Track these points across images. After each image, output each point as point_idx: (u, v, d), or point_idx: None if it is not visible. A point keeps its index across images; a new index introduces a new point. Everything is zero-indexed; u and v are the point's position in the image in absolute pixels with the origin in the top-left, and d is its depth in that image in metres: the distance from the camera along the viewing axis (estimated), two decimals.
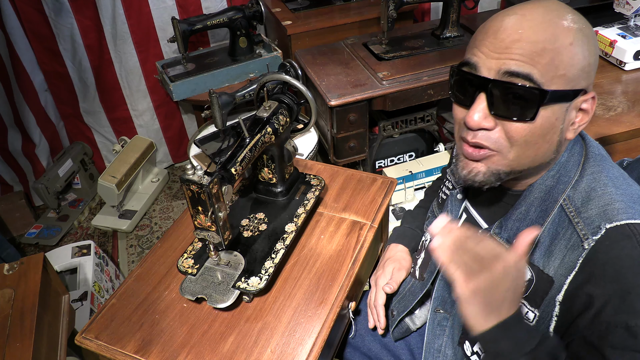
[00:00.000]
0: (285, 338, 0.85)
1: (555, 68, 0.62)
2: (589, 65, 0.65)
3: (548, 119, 0.64)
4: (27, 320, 1.06)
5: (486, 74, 0.65)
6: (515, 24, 0.64)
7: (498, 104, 0.65)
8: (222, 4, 2.24)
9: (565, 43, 0.62)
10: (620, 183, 0.68)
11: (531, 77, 0.62)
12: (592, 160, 0.71)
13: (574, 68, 0.63)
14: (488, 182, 0.71)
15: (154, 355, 0.84)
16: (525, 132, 0.65)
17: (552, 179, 0.71)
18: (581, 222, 0.66)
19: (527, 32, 0.62)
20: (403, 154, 2.08)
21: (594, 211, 0.65)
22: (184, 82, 1.94)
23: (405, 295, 0.99)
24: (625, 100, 1.33)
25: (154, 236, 2.20)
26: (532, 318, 0.69)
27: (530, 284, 0.69)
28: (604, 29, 1.54)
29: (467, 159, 0.71)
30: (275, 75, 1.04)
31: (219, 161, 0.85)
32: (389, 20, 1.78)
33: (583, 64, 0.64)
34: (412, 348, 1.03)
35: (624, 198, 0.65)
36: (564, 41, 0.62)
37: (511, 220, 0.74)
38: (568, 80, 0.63)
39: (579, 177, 0.70)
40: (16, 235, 2.26)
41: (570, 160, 0.71)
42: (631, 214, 0.63)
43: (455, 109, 0.72)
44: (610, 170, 0.70)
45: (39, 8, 1.96)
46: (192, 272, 0.92)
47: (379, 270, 1.03)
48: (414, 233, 1.07)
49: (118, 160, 2.16)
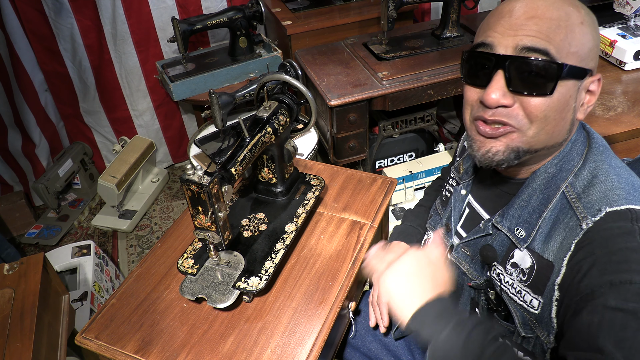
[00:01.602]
0: (285, 338, 0.85)
1: (568, 44, 0.65)
2: (596, 47, 0.68)
3: (563, 94, 0.66)
4: (27, 320, 1.06)
5: (503, 52, 0.66)
6: (529, 3, 0.66)
7: (516, 81, 0.66)
8: (222, 4, 2.24)
9: (577, 22, 0.65)
10: (622, 172, 0.69)
11: (548, 51, 0.64)
12: (595, 150, 0.72)
13: (584, 47, 0.66)
14: (507, 161, 0.70)
15: (154, 355, 0.84)
16: (544, 107, 0.66)
17: (555, 166, 0.72)
18: (581, 206, 0.67)
19: (542, 9, 0.65)
20: (403, 154, 2.08)
21: (595, 196, 0.67)
22: (184, 82, 1.94)
23: None
24: (625, 100, 1.33)
25: (154, 236, 2.20)
26: (537, 305, 0.69)
27: (532, 271, 0.70)
28: (604, 29, 1.54)
29: (484, 137, 0.71)
30: (275, 75, 1.04)
31: (219, 161, 0.85)
32: (389, 20, 1.78)
33: (592, 45, 0.67)
34: (412, 348, 1.03)
35: (626, 186, 0.66)
36: (575, 20, 0.65)
37: (513, 208, 0.75)
38: (580, 58, 0.66)
39: (582, 165, 0.71)
40: (16, 235, 2.26)
41: (574, 150, 0.73)
42: (632, 200, 0.64)
43: (469, 90, 0.72)
44: (613, 160, 0.71)
45: (39, 8, 1.96)
46: (192, 272, 0.92)
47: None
48: (415, 231, 1.07)
49: (118, 160, 2.16)
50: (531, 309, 0.70)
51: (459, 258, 0.86)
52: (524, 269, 0.71)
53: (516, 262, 0.73)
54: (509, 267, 0.74)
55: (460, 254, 0.86)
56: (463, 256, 0.85)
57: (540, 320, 0.70)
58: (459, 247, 0.86)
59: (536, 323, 0.71)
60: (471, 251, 0.83)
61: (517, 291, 0.73)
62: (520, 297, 0.72)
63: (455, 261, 0.87)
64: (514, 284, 0.73)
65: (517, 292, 0.73)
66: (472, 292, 0.84)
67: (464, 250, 0.85)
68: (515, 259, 0.73)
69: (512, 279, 0.73)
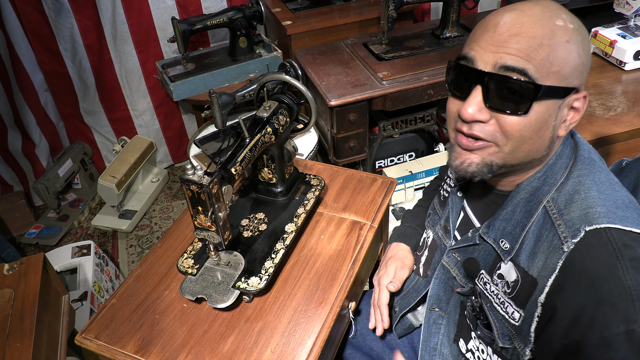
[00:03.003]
0: (285, 338, 0.85)
1: (549, 64, 0.63)
2: (582, 65, 0.66)
3: (542, 114, 0.65)
4: (27, 320, 1.06)
5: (482, 68, 0.66)
6: (514, 19, 0.65)
7: (493, 97, 0.66)
8: (222, 4, 2.24)
9: (561, 40, 0.63)
10: (604, 188, 0.68)
11: (526, 72, 0.63)
12: (580, 163, 0.71)
13: (568, 66, 0.64)
14: (480, 174, 0.72)
15: (154, 355, 0.84)
16: (520, 126, 0.66)
17: (539, 180, 0.72)
18: (562, 224, 0.66)
19: (526, 27, 0.64)
20: (403, 154, 2.08)
21: (575, 213, 0.66)
22: (184, 82, 1.94)
23: (408, 292, 0.99)
24: (625, 100, 1.33)
25: (154, 236, 2.20)
26: (518, 318, 0.70)
27: (517, 285, 0.70)
28: (604, 29, 1.54)
29: (461, 148, 0.71)
30: (275, 75, 1.04)
31: (219, 161, 0.85)
32: (389, 20, 1.78)
33: (577, 63, 0.65)
34: (414, 345, 1.04)
35: (607, 203, 0.66)
36: (560, 38, 0.63)
37: (498, 220, 0.75)
38: (562, 77, 0.64)
39: (565, 179, 0.70)
40: (16, 235, 2.26)
41: (558, 163, 0.72)
42: (612, 218, 0.63)
43: (451, 101, 0.73)
44: (597, 175, 0.70)
45: (39, 8, 1.96)
46: (192, 272, 0.92)
47: (381, 270, 1.03)
48: (414, 231, 1.07)
49: (118, 160, 2.16)
50: (512, 321, 0.71)
51: (449, 262, 0.87)
52: (509, 281, 0.72)
53: (502, 274, 0.73)
54: (496, 277, 0.75)
55: (451, 258, 0.86)
56: (454, 261, 0.86)
57: (519, 332, 0.70)
58: (450, 252, 0.87)
59: (515, 334, 0.71)
60: (461, 257, 0.84)
61: (501, 302, 0.73)
62: (503, 307, 0.73)
63: (446, 265, 0.88)
64: (498, 294, 0.74)
65: (501, 302, 0.73)
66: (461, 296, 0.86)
67: (455, 255, 0.86)
68: (502, 270, 0.73)
69: (498, 290, 0.74)
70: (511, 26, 0.64)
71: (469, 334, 0.84)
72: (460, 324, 0.87)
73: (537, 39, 0.63)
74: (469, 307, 0.83)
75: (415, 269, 1.00)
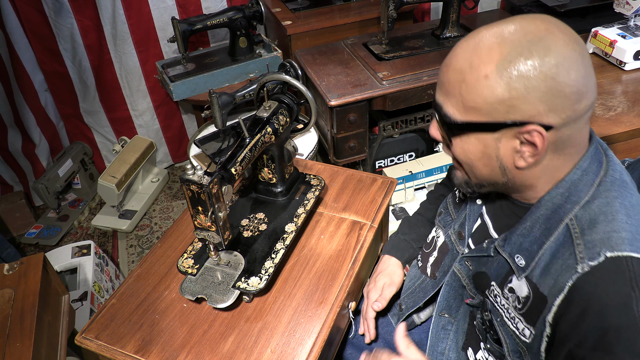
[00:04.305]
0: (285, 338, 0.85)
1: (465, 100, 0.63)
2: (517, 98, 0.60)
3: (474, 145, 0.67)
4: (27, 320, 1.06)
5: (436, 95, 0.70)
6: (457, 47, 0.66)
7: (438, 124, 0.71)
8: (222, 4, 2.24)
9: (480, 74, 0.61)
10: (634, 213, 0.64)
11: (443, 108, 0.67)
12: (610, 184, 0.66)
13: (487, 101, 0.61)
14: (464, 189, 0.77)
15: (154, 355, 0.84)
16: (458, 154, 0.70)
17: (561, 196, 0.67)
18: (582, 244, 0.63)
19: (455, 59, 0.65)
20: (403, 154, 2.08)
21: (598, 235, 0.62)
22: (184, 82, 1.94)
23: (415, 291, 0.98)
24: (625, 100, 1.33)
25: (154, 236, 2.20)
26: (529, 335, 0.68)
27: (527, 301, 0.68)
28: (604, 29, 1.54)
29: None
30: (275, 75, 1.04)
31: (219, 161, 0.85)
32: (389, 20, 1.78)
33: (503, 97, 0.60)
34: (415, 343, 1.03)
35: (633, 229, 0.61)
36: (479, 72, 0.61)
37: (515, 234, 0.72)
38: (484, 113, 0.63)
39: (591, 198, 0.65)
40: (16, 235, 2.26)
41: (584, 180, 0.66)
42: (636, 247, 0.60)
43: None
44: (628, 198, 0.65)
45: (39, 8, 1.96)
46: (192, 272, 0.92)
47: (370, 283, 1.04)
48: (407, 245, 1.06)
49: (118, 160, 2.16)
50: (523, 337, 0.70)
51: (461, 270, 0.85)
52: (520, 297, 0.70)
53: (513, 288, 0.71)
54: (506, 291, 0.72)
55: (463, 266, 0.84)
56: (465, 270, 0.84)
57: (530, 349, 0.68)
58: (463, 260, 0.84)
59: (526, 351, 0.69)
60: (473, 266, 0.82)
61: (512, 317, 0.71)
62: (513, 323, 0.71)
63: (457, 273, 0.86)
64: (509, 309, 0.72)
65: (511, 317, 0.71)
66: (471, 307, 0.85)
67: (467, 263, 0.84)
68: (513, 284, 0.71)
69: (508, 304, 0.72)
70: (450, 56, 0.66)
71: (478, 344, 0.83)
72: (469, 333, 0.86)
73: (457, 72, 0.63)
74: (479, 320, 0.81)
75: (422, 266, 0.99)
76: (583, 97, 0.61)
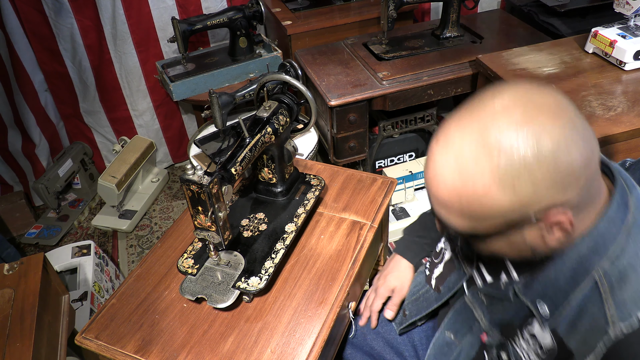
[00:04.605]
0: (285, 338, 0.85)
1: (470, 213, 0.58)
2: (528, 196, 0.55)
3: (494, 243, 0.63)
4: (27, 320, 1.06)
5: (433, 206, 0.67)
6: (435, 162, 0.60)
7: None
8: (222, 4, 2.24)
9: (476, 191, 0.56)
10: None
11: (445, 220, 0.62)
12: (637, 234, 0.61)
13: (495, 212, 0.57)
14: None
15: (154, 355, 0.84)
16: (477, 250, 0.68)
17: (587, 248, 0.62)
18: (612, 303, 0.58)
19: (442, 177, 0.59)
20: (403, 154, 2.08)
21: (628, 294, 0.58)
22: (184, 82, 1.94)
23: (419, 298, 0.96)
24: (625, 100, 1.33)
25: (154, 236, 2.20)
26: None
27: (552, 354, 0.64)
28: (604, 29, 1.54)
29: None
30: (275, 75, 1.04)
31: (219, 161, 0.85)
32: (389, 20, 1.78)
33: (512, 203, 0.55)
34: (415, 344, 1.03)
35: None
36: (475, 189, 0.56)
37: (537, 281, 0.67)
38: (495, 221, 0.58)
39: (619, 250, 0.60)
40: (16, 235, 2.25)
41: (610, 230, 0.61)
42: None
43: None
44: None
45: (39, 8, 1.96)
46: (192, 272, 0.92)
47: (381, 279, 1.04)
48: (421, 249, 1.03)
49: (118, 160, 2.16)
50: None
51: (473, 302, 0.80)
52: (544, 347, 0.65)
53: (535, 335, 0.67)
54: (526, 333, 0.68)
55: (477, 299, 0.80)
56: (478, 302, 0.79)
57: None
58: (477, 292, 0.80)
59: None
60: (488, 301, 0.77)
61: None
62: None
63: (468, 303, 0.81)
64: (529, 354, 0.68)
65: None
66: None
67: (481, 296, 0.79)
68: (536, 332, 0.67)
69: (529, 347, 0.68)
70: (433, 170, 0.60)
71: None
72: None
73: (452, 190, 0.58)
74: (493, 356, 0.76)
75: (428, 276, 0.95)
76: (590, 160, 0.57)
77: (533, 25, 1.99)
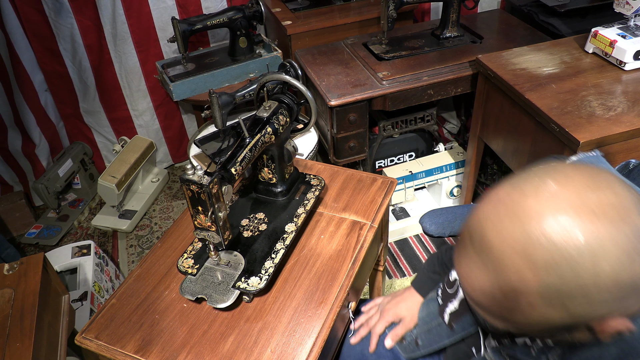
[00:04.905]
0: (285, 338, 0.85)
1: (513, 321, 0.53)
2: (581, 307, 0.47)
3: (539, 335, 0.62)
4: (27, 320, 1.06)
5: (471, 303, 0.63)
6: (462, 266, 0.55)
7: None
8: (222, 4, 2.24)
9: (519, 304, 0.50)
10: None
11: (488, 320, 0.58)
12: None
13: (543, 324, 0.51)
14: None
15: (154, 355, 0.84)
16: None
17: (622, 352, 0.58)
18: None
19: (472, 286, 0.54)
20: (403, 154, 2.08)
21: None
22: (184, 82, 1.94)
23: (431, 330, 0.94)
24: (625, 100, 1.33)
25: (154, 236, 2.20)
26: None
27: None
28: (604, 29, 1.54)
29: None
30: (275, 75, 1.04)
31: (219, 161, 0.85)
32: (389, 20, 1.78)
33: (562, 318, 0.49)
34: None
35: None
36: (518, 302, 0.50)
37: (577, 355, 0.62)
38: (543, 328, 0.53)
39: None
40: (16, 235, 2.26)
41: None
42: None
43: None
44: None
45: (39, 8, 1.96)
46: (192, 272, 0.92)
47: (391, 302, 1.01)
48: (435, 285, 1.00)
49: (118, 160, 2.16)
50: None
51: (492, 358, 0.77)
52: None
53: None
54: None
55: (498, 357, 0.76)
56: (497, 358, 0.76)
57: None
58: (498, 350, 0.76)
59: None
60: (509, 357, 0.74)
61: None
62: None
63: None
64: None
65: None
66: None
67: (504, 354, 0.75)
68: None
69: None
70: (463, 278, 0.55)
71: None
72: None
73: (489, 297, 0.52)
74: None
75: (441, 306, 0.92)
76: None
77: (533, 25, 1.99)
